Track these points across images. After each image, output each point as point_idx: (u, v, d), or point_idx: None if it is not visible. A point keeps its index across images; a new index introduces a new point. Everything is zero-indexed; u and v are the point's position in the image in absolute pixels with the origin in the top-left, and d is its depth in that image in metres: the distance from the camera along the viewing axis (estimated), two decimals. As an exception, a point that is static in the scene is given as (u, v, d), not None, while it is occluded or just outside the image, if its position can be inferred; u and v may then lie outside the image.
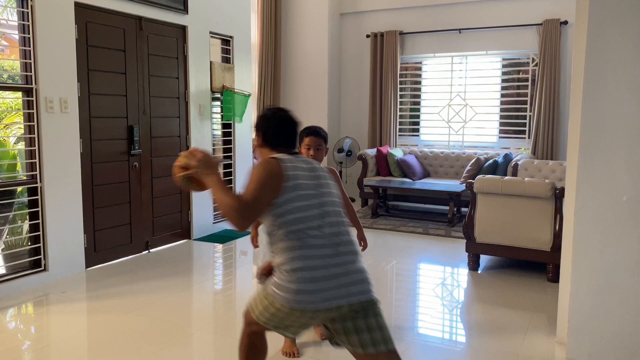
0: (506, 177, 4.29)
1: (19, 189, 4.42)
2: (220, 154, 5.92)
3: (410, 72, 7.80)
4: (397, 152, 7.17)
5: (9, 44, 5.72)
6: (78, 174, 4.24)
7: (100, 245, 4.49)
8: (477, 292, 4.08)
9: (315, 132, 2.87)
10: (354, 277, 2.00)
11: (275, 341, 2.91)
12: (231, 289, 4.23)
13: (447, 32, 7.28)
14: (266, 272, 2.21)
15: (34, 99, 3.90)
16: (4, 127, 5.48)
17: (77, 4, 4.15)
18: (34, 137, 3.93)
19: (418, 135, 7.79)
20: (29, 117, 3.93)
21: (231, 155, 5.99)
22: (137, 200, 4.82)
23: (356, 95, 8.04)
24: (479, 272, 4.47)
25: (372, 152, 7.25)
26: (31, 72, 3.89)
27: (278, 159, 2.09)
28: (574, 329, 2.83)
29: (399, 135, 7.81)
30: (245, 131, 6.17)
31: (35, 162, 3.95)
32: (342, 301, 1.96)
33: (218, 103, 5.76)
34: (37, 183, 3.97)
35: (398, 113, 7.65)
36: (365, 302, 2.03)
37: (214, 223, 5.74)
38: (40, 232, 4.01)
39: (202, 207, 5.55)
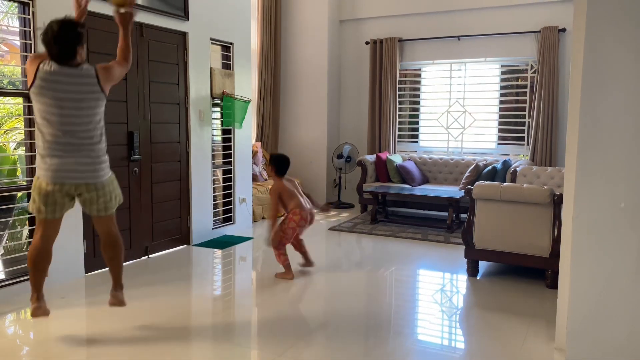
0: (505, 184, 4.31)
1: (19, 194, 4.43)
2: (219, 161, 5.94)
3: (409, 79, 7.83)
4: (397, 158, 7.19)
5: (9, 49, 5.74)
6: (78, 179, 4.23)
7: (100, 251, 4.48)
8: (476, 298, 4.08)
9: None
10: (77, 166, 2.89)
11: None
12: (230, 294, 4.23)
13: (446, 39, 7.32)
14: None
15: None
16: (5, 132, 5.50)
17: (78, 11, 4.17)
18: (35, 143, 3.93)
19: (417, 142, 7.81)
20: (29, 123, 3.93)
21: (231, 161, 6.01)
22: (136, 206, 4.83)
23: (355, 101, 8.07)
24: (478, 278, 4.47)
25: (371, 158, 7.27)
26: (32, 77, 3.90)
27: (40, 62, 2.82)
28: (572, 335, 2.83)
29: (398, 141, 7.83)
30: (245, 137, 6.19)
31: (36, 168, 3.95)
32: (68, 180, 2.89)
33: (218, 109, 5.78)
34: (37, 188, 3.97)
35: (397, 119, 7.68)
36: (85, 184, 2.93)
37: (213, 229, 5.75)
38: (40, 238, 4.00)
39: (202, 212, 5.56)
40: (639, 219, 2.67)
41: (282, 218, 4.40)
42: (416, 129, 7.85)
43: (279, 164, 4.39)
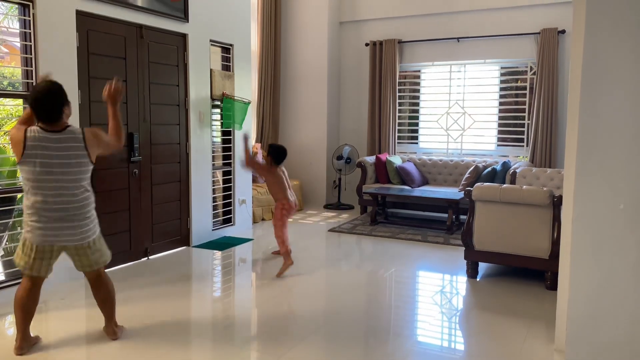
0: (504, 185, 4.31)
1: (19, 195, 4.43)
2: (219, 162, 5.95)
3: (409, 80, 7.84)
4: (396, 160, 7.19)
5: (9, 51, 5.74)
6: (78, 180, 4.23)
7: (100, 252, 4.49)
8: (476, 299, 4.09)
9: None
10: (65, 230, 2.92)
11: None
12: (230, 296, 4.23)
13: (445, 41, 7.33)
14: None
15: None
16: (4, 134, 5.50)
17: (78, 12, 4.18)
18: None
19: (417, 143, 7.82)
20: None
21: (230, 163, 6.01)
22: (136, 207, 4.83)
23: (355, 103, 8.07)
24: (478, 279, 4.47)
25: (371, 159, 7.27)
26: (32, 79, 3.91)
27: (26, 130, 2.87)
28: (572, 336, 2.84)
29: (398, 142, 7.83)
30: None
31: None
32: (56, 242, 2.93)
33: (218, 110, 5.78)
34: (37, 190, 3.97)
35: (397, 121, 7.69)
36: (72, 245, 2.98)
37: (213, 230, 5.75)
38: (40, 239, 4.00)
39: (202, 214, 5.56)
40: (638, 221, 2.67)
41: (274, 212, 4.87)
42: (416, 131, 7.85)
43: (277, 154, 4.72)
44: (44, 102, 2.87)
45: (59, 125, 2.92)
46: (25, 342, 3.03)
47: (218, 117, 5.80)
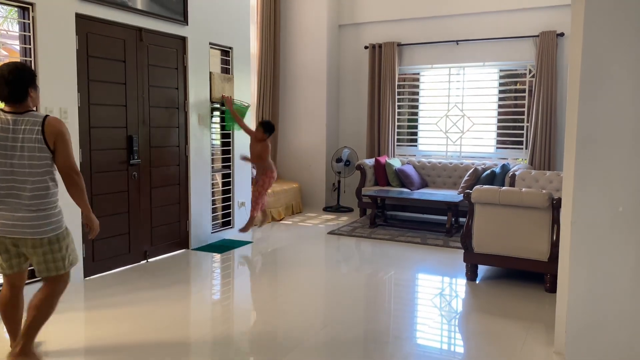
0: (504, 188, 4.31)
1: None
2: (219, 165, 5.95)
3: (408, 83, 7.85)
4: (395, 162, 7.20)
5: (9, 54, 5.75)
6: (77, 183, 4.23)
7: (99, 255, 4.49)
8: (475, 302, 4.08)
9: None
10: (17, 222, 2.66)
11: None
12: (229, 299, 4.23)
13: (444, 44, 7.34)
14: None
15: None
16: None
17: (78, 15, 4.18)
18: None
19: (416, 146, 7.82)
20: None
21: (230, 165, 6.01)
22: (135, 210, 4.83)
23: (355, 105, 8.08)
24: (477, 282, 4.47)
25: (370, 162, 7.28)
26: (32, 82, 3.90)
27: None
28: (571, 339, 2.84)
29: (397, 145, 7.84)
30: (244, 141, 6.19)
31: None
32: (8, 235, 2.68)
33: (217, 113, 5.79)
34: (36, 192, 3.96)
35: (396, 123, 7.69)
36: (24, 239, 2.69)
37: (212, 233, 5.75)
38: (39, 242, 3.99)
39: (201, 216, 5.56)
40: (637, 223, 2.67)
41: (257, 180, 5.63)
42: (415, 133, 7.86)
43: (269, 126, 5.56)
44: (9, 78, 2.66)
45: (21, 107, 2.72)
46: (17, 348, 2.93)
47: (217, 120, 5.81)
